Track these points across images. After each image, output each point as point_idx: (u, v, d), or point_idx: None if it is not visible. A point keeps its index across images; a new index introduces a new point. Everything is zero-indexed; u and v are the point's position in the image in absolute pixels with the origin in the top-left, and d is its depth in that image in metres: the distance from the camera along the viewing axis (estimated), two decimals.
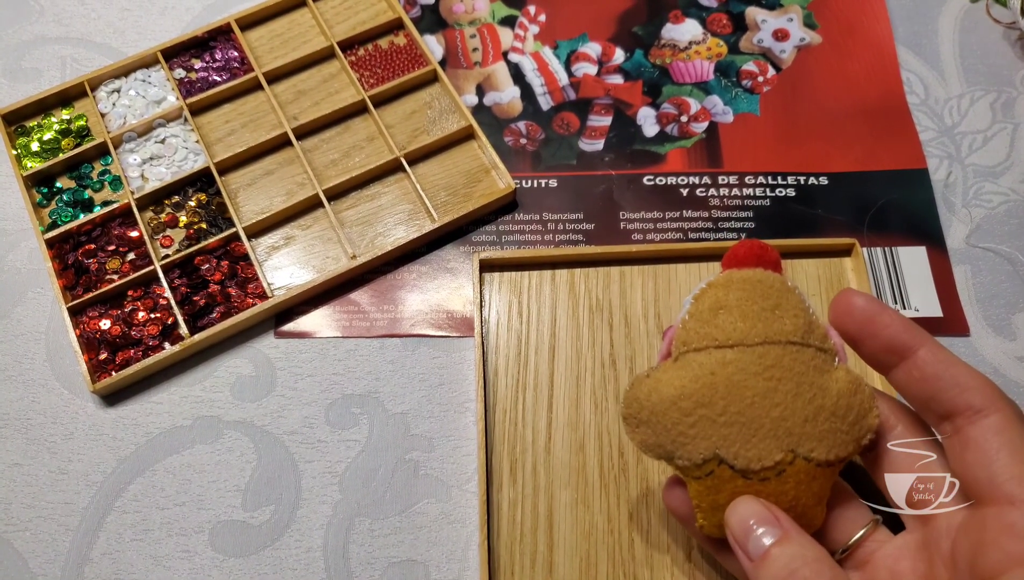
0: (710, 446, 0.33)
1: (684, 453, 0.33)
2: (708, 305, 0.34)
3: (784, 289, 0.34)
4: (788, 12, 0.59)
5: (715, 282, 0.34)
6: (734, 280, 0.34)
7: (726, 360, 0.33)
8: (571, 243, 0.51)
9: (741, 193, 0.52)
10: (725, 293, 0.33)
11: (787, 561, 0.31)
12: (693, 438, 0.33)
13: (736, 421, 0.32)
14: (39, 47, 0.58)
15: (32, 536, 0.43)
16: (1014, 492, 0.29)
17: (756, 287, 0.33)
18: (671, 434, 0.33)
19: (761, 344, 0.32)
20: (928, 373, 0.32)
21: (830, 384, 0.33)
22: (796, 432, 0.32)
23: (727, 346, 0.33)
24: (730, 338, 0.33)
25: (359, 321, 0.49)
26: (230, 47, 0.57)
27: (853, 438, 0.33)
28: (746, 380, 0.32)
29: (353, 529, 0.43)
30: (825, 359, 0.33)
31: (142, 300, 0.48)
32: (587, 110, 0.55)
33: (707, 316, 0.33)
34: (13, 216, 0.52)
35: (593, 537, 0.42)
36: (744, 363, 0.32)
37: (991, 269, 0.50)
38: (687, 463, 0.33)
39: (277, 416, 0.46)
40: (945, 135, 0.54)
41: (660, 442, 0.34)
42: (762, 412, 0.32)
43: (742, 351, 0.32)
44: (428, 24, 0.59)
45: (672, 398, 0.33)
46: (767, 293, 0.33)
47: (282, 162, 0.53)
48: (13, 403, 0.47)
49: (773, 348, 0.32)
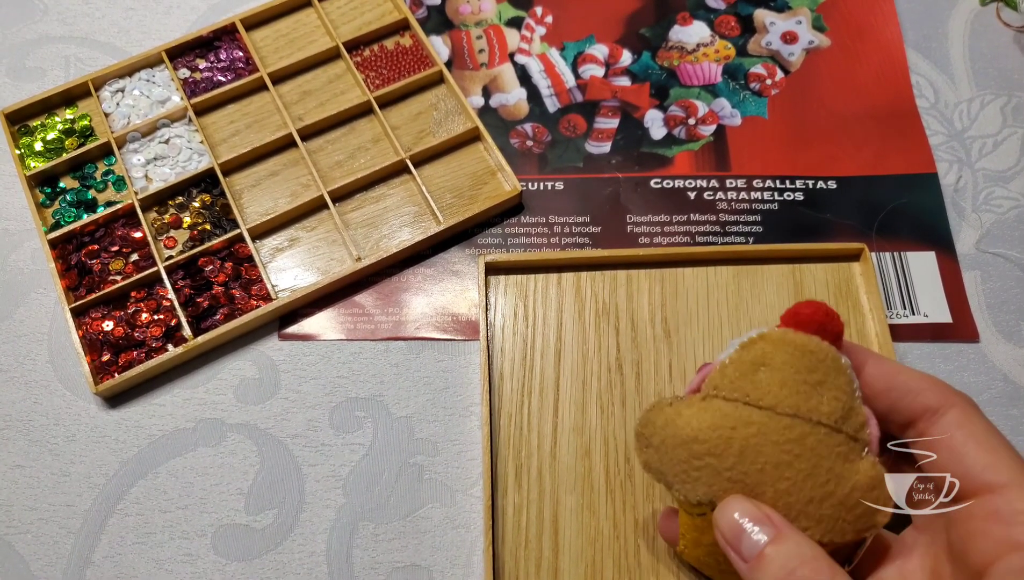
0: (708, 492, 0.33)
1: (682, 489, 0.33)
2: (752, 358, 0.33)
3: (835, 367, 0.33)
4: (797, 15, 0.58)
5: (768, 336, 0.33)
6: (787, 341, 0.33)
7: (751, 420, 0.32)
8: (577, 246, 0.50)
9: (749, 197, 0.52)
10: (773, 352, 0.33)
11: (784, 561, 0.30)
12: (695, 480, 0.33)
13: (740, 480, 0.32)
14: (43, 46, 0.58)
15: (34, 538, 0.43)
16: (991, 480, 0.30)
17: (807, 357, 0.32)
18: (676, 468, 0.33)
19: (791, 416, 0.32)
20: (879, 388, 0.33)
21: (849, 475, 0.32)
22: (796, 508, 0.32)
23: (756, 406, 0.32)
24: (762, 399, 0.32)
25: (363, 324, 0.48)
26: (235, 47, 0.57)
27: (854, 529, 0.32)
28: (763, 446, 0.32)
29: (357, 533, 0.43)
30: (853, 448, 0.32)
31: (145, 301, 0.48)
32: (594, 112, 0.55)
33: (747, 369, 0.33)
34: (16, 216, 0.51)
35: (599, 543, 0.42)
36: (767, 429, 0.32)
37: (1001, 275, 0.49)
38: (682, 498, 0.34)
39: (281, 419, 0.46)
40: (955, 139, 0.54)
41: (663, 470, 0.34)
42: (768, 480, 0.32)
43: (769, 417, 0.32)
44: (434, 25, 0.58)
45: (686, 438, 0.33)
46: (815, 366, 0.32)
47: (287, 163, 0.53)
48: (15, 404, 0.46)
49: (801, 424, 0.32)
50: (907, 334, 0.47)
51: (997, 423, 0.45)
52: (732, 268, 0.48)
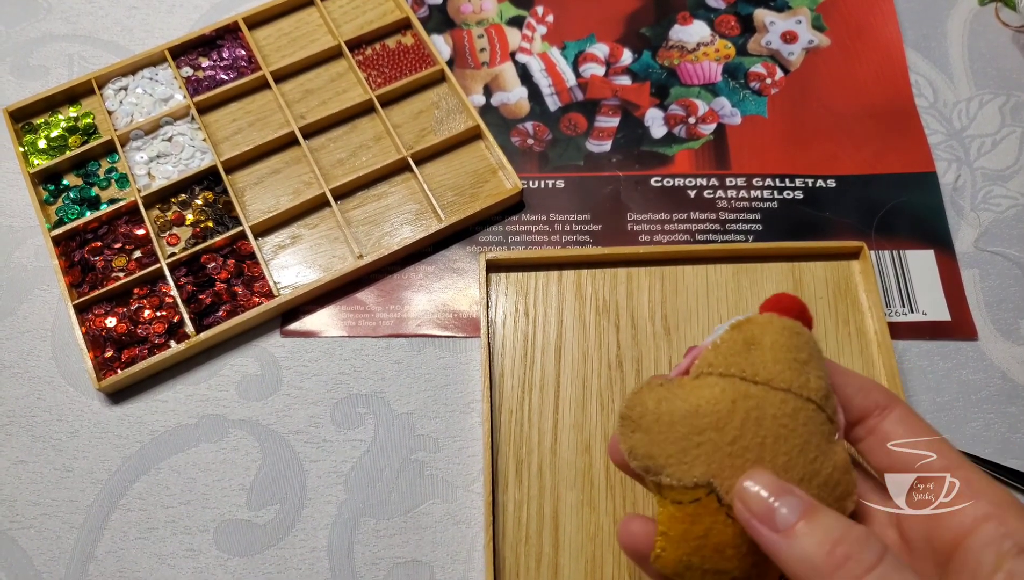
0: (707, 472, 0.31)
1: (677, 472, 0.32)
2: (744, 338, 0.33)
3: (816, 350, 0.33)
4: (797, 14, 0.59)
5: (755, 319, 0.34)
6: (775, 323, 0.33)
7: (749, 393, 0.32)
8: (578, 244, 0.51)
9: (749, 195, 0.52)
10: (762, 332, 0.33)
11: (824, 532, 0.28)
12: (693, 459, 0.32)
13: (742, 455, 0.31)
14: (46, 44, 0.58)
15: (37, 533, 0.43)
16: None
17: (794, 337, 0.33)
18: (671, 448, 0.32)
19: (785, 390, 0.32)
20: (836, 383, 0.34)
21: (831, 454, 0.32)
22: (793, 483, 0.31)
23: (753, 381, 0.32)
24: (758, 374, 0.32)
25: (365, 321, 0.48)
26: (237, 46, 0.57)
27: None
28: (764, 419, 0.32)
29: (358, 529, 0.43)
30: (832, 430, 0.33)
31: (148, 298, 0.48)
32: (595, 111, 0.55)
33: (740, 347, 0.33)
34: (20, 213, 0.52)
35: (599, 539, 0.42)
36: (765, 403, 0.32)
37: (999, 273, 0.49)
38: (674, 483, 0.32)
39: (282, 415, 0.46)
40: (954, 138, 0.54)
41: (653, 453, 0.32)
42: (768, 456, 0.31)
43: (766, 390, 0.32)
44: (436, 24, 0.58)
45: (685, 412, 0.32)
46: (802, 346, 0.33)
47: (289, 161, 0.53)
48: (19, 400, 0.46)
49: (794, 399, 0.32)
50: (906, 332, 0.48)
51: (995, 420, 0.45)
52: (732, 266, 0.48)
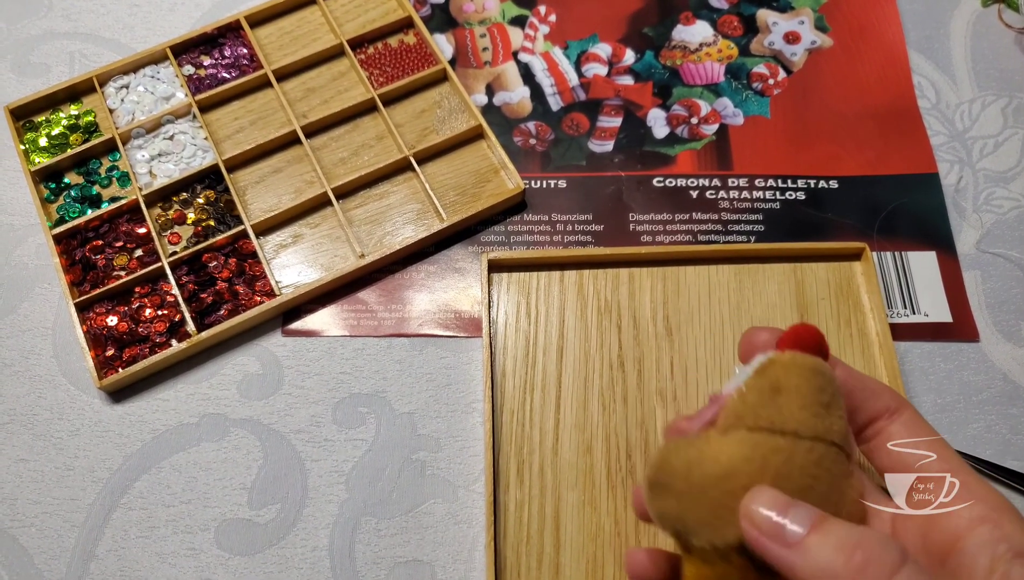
0: (739, 534, 0.30)
1: (709, 534, 0.31)
2: (769, 384, 0.32)
3: (836, 387, 0.32)
4: (799, 15, 0.59)
5: (778, 361, 0.32)
6: (798, 364, 0.32)
7: (778, 447, 0.31)
8: (580, 244, 0.51)
9: (751, 196, 0.52)
10: (787, 375, 0.32)
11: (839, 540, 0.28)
12: (726, 521, 0.30)
13: None
14: (48, 42, 0.58)
15: (38, 532, 0.43)
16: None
17: (817, 378, 0.32)
18: (703, 512, 0.31)
19: (812, 439, 0.31)
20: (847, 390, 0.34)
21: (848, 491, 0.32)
22: None
23: (780, 433, 0.31)
24: (787, 425, 0.31)
25: (367, 320, 0.48)
26: (239, 44, 0.57)
27: None
28: (792, 473, 0.31)
29: (359, 528, 0.43)
30: (850, 467, 0.32)
31: (149, 297, 0.48)
32: (597, 111, 0.55)
33: (767, 395, 0.32)
34: (21, 211, 0.52)
35: (600, 539, 0.42)
36: (793, 456, 0.31)
37: (1001, 275, 0.49)
38: (705, 545, 0.31)
39: (284, 415, 0.46)
40: (956, 140, 0.54)
41: (685, 517, 0.31)
42: None
43: (794, 442, 0.31)
44: (438, 23, 0.58)
45: (718, 475, 0.31)
46: (824, 387, 0.32)
47: (291, 160, 0.53)
48: (19, 399, 0.46)
49: (819, 447, 0.31)
50: (907, 333, 0.48)
51: (996, 422, 0.45)
52: (734, 267, 0.48)
